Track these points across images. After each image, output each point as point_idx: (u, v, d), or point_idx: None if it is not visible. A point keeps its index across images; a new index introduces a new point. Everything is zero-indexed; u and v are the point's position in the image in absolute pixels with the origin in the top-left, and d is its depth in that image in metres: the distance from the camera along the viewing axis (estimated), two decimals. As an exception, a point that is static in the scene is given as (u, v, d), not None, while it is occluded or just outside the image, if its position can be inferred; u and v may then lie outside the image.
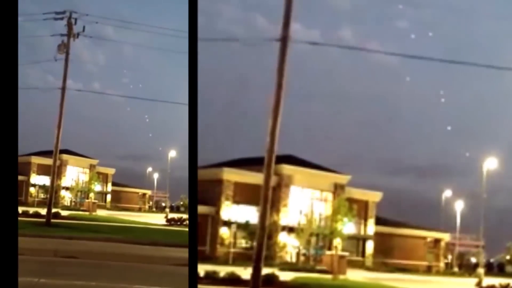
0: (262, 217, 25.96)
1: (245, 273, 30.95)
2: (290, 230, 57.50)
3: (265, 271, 27.56)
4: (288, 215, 58.49)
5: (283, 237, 57.82)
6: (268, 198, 25.86)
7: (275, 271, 36.96)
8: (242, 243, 55.93)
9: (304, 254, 57.81)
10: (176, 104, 63.28)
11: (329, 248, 56.49)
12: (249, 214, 54.32)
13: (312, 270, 47.47)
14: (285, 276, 36.75)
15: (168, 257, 33.20)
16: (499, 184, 71.39)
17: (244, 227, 54.75)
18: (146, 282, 24.49)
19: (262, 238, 25.71)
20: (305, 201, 60.53)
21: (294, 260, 57.45)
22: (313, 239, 57.86)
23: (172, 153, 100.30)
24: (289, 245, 58.36)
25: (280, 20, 25.61)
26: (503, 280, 51.58)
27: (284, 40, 25.51)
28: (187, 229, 58.41)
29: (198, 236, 48.68)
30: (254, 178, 47.21)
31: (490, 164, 57.54)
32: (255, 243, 26.30)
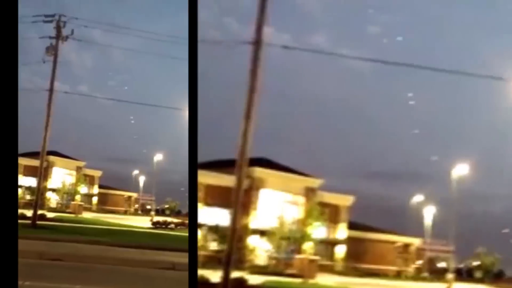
0: (234, 220, 25.86)
1: (214, 276, 30.79)
2: (261, 233, 57.39)
3: (234, 274, 27.46)
4: (259, 218, 58.37)
5: (253, 240, 57.68)
6: (240, 201, 25.80)
7: (245, 274, 36.88)
8: (213, 246, 55.71)
9: (274, 258, 57.70)
10: (163, 108, 63.80)
11: (300, 252, 56.44)
12: (220, 216, 54.10)
13: (282, 274, 47.41)
14: (255, 279, 36.68)
15: (154, 260, 33.35)
16: (470, 189, 71.85)
17: (215, 230, 54.54)
18: (132, 285, 24.44)
19: (233, 241, 25.62)
20: (277, 204, 60.43)
21: (264, 263, 57.31)
22: (284, 243, 57.76)
23: (159, 157, 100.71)
24: (260, 249, 58.23)
25: (252, 23, 25.63)
26: (473, 286, 51.95)
27: (257, 43, 25.48)
28: (172, 233, 59.42)
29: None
30: (226, 180, 46.97)
31: (461, 170, 58.05)
32: (225, 246, 26.22)
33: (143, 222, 72.95)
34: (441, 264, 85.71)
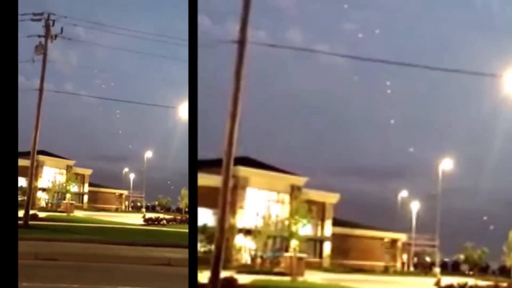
0: (221, 220, 25.74)
1: (202, 276, 30.67)
2: (247, 232, 57.31)
3: (222, 274, 27.39)
4: (244, 217, 58.28)
5: (239, 240, 57.57)
6: (226, 200, 25.67)
7: (233, 274, 36.80)
8: (199, 246, 55.53)
9: (261, 257, 57.64)
10: (150, 106, 63.98)
11: (287, 250, 56.39)
12: (206, 217, 53.97)
13: (270, 273, 47.37)
14: (243, 279, 36.64)
15: (149, 257, 33.73)
16: (452, 184, 72.14)
17: (202, 230, 54.35)
18: (129, 282, 24.58)
19: (221, 241, 25.50)
20: (262, 203, 60.39)
21: (250, 262, 57.23)
22: (270, 241, 57.70)
23: (148, 154, 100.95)
24: (246, 248, 58.14)
25: (225, 21, 25.72)
26: (459, 279, 52.16)
27: (241, 42, 25.37)
28: (165, 229, 59.88)
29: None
30: (211, 180, 46.86)
31: (446, 165, 58.36)
32: (212, 246, 26.14)
33: (135, 219, 73.10)
34: (427, 258, 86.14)
